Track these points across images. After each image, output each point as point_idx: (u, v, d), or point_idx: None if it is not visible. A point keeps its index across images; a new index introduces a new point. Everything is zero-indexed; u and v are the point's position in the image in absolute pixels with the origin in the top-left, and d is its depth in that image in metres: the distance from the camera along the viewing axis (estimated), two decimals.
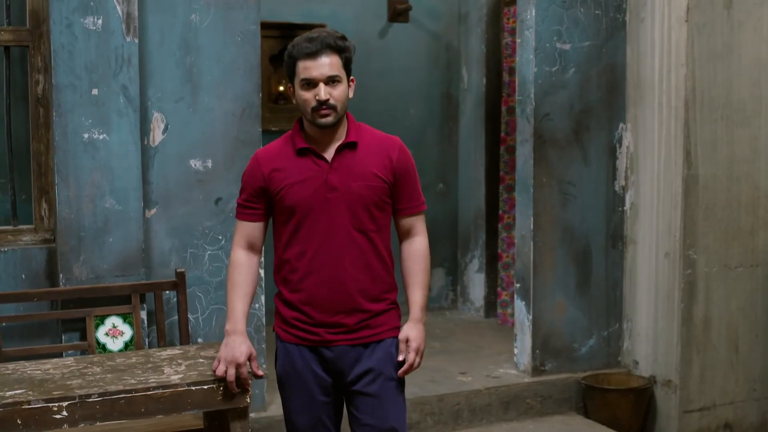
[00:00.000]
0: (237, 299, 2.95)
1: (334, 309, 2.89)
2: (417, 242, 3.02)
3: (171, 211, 4.07)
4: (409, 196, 2.99)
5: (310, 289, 2.89)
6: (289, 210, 2.88)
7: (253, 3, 4.16)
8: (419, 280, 3.00)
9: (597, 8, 4.80)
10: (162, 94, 4.02)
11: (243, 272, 2.97)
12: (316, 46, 2.79)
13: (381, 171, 2.90)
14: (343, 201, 2.86)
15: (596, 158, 4.88)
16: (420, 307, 2.99)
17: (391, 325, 2.98)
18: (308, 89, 2.81)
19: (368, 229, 2.90)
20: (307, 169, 2.88)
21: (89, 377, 2.99)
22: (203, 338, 4.12)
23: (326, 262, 2.87)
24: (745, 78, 4.61)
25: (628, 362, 4.97)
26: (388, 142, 2.96)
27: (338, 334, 2.91)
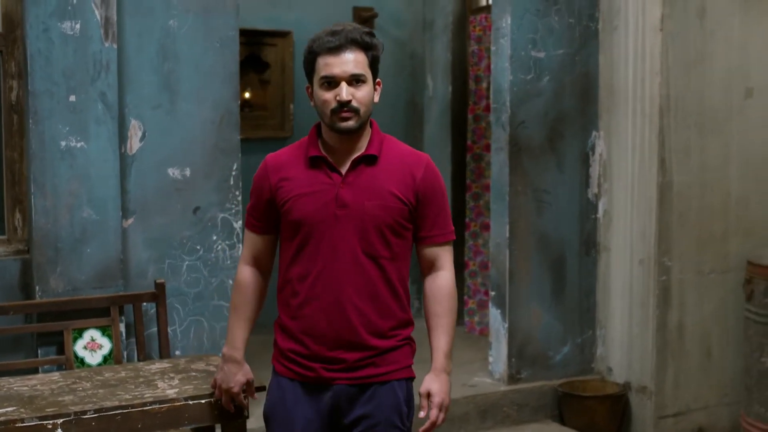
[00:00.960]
0: (236, 324, 2.70)
1: (333, 342, 2.56)
2: (441, 278, 2.66)
3: (148, 221, 3.98)
4: (433, 222, 2.64)
5: (309, 317, 2.57)
6: (295, 225, 2.58)
7: (231, 9, 4.09)
8: (444, 323, 2.63)
9: (570, 17, 4.83)
10: (139, 101, 3.93)
11: (246, 293, 2.70)
12: (340, 41, 2.49)
13: (400, 190, 2.57)
14: (353, 220, 2.54)
15: (570, 166, 4.90)
16: (444, 354, 2.62)
17: (402, 365, 2.63)
18: (328, 89, 2.51)
19: (379, 255, 2.56)
20: (318, 180, 2.57)
21: (80, 393, 2.90)
22: (181, 351, 4.03)
23: (329, 287, 2.55)
24: (716, 86, 4.67)
25: (602, 369, 4.99)
26: (413, 158, 2.64)
27: (337, 371, 2.57)
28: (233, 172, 4.10)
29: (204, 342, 4.08)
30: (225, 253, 4.10)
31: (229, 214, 4.10)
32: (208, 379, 3.01)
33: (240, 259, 2.76)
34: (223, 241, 4.09)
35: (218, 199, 4.08)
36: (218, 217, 4.08)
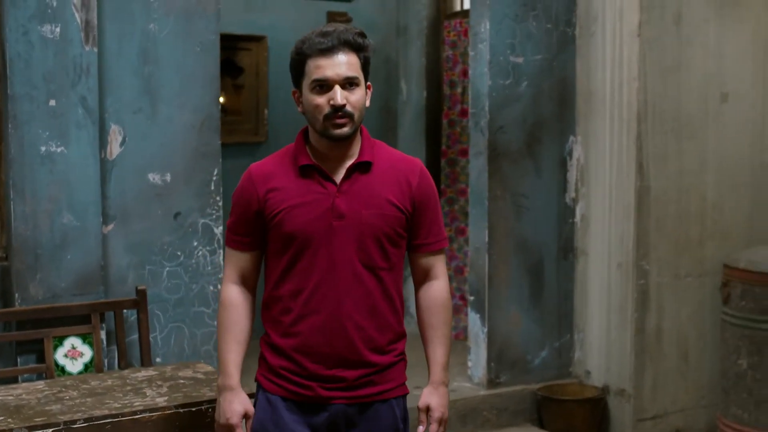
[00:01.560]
0: (228, 348, 2.48)
1: (332, 360, 2.43)
2: (437, 288, 2.57)
3: (129, 227, 3.92)
4: (428, 230, 2.54)
5: (304, 334, 2.43)
6: (287, 238, 2.43)
7: (212, 12, 4.05)
8: (440, 334, 2.54)
9: (548, 22, 4.85)
10: (119, 105, 3.87)
11: (235, 314, 2.50)
12: (332, 42, 2.37)
13: (398, 198, 2.47)
14: (351, 231, 2.41)
15: (548, 170, 4.92)
16: (442, 366, 2.53)
17: (399, 382, 2.53)
18: (320, 93, 2.37)
19: (378, 266, 2.45)
20: (311, 190, 2.43)
21: (68, 402, 2.86)
22: (162, 358, 3.98)
23: (326, 303, 2.42)
24: (693, 92, 4.71)
25: (580, 372, 5.01)
26: (407, 164, 2.53)
27: (335, 390, 2.44)
28: (214, 177, 4.07)
29: (185, 349, 4.03)
30: (206, 259, 4.06)
31: (209, 219, 4.06)
32: (197, 387, 2.98)
33: (224, 279, 2.56)
34: (203, 247, 4.05)
35: (199, 204, 4.04)
36: (199, 222, 4.04)
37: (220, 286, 2.53)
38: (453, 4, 6.25)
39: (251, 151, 5.92)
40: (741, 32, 4.81)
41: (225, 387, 2.47)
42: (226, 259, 2.55)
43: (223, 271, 2.57)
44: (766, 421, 4.40)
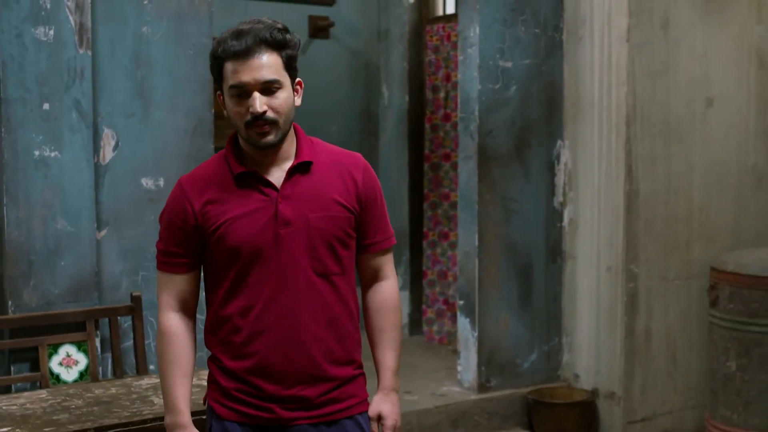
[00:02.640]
0: (175, 382, 2.27)
1: (292, 379, 2.24)
2: (386, 289, 2.41)
3: (122, 232, 3.87)
4: (376, 228, 2.36)
5: (259, 354, 2.23)
6: (231, 253, 2.22)
7: (205, 15, 4.02)
8: (391, 338, 2.39)
9: (536, 27, 4.87)
10: (112, 109, 3.82)
11: (179, 345, 2.29)
12: (247, 43, 2.17)
13: (344, 197, 2.29)
14: (300, 238, 2.23)
15: (536, 174, 4.93)
16: (392, 372, 2.38)
17: (362, 397, 2.37)
18: (239, 99, 2.18)
19: (331, 272, 2.27)
20: (252, 199, 2.23)
21: (75, 411, 2.80)
22: (155, 366, 3.93)
23: (280, 318, 2.23)
24: (680, 96, 4.75)
25: (569, 376, 5.03)
26: (349, 159, 2.35)
27: (297, 410, 2.25)
28: None
29: None
30: None
31: None
32: (203, 394, 2.93)
33: (161, 307, 2.33)
34: None
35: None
36: None
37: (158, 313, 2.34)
38: (435, 9, 6.25)
39: None
40: (726, 37, 4.86)
41: (176, 425, 2.27)
42: (160, 285, 2.32)
43: (158, 297, 2.34)
44: (754, 421, 4.44)
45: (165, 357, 2.28)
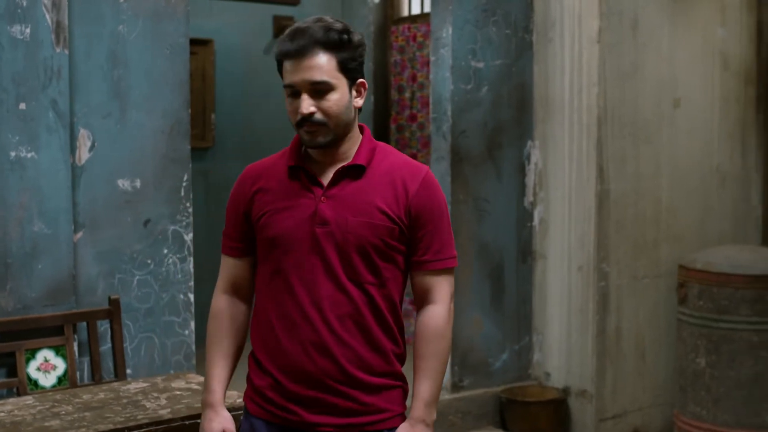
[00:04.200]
0: (214, 362, 2.30)
1: (314, 380, 2.19)
2: (433, 314, 2.25)
3: (98, 235, 3.80)
4: (427, 245, 2.23)
5: (286, 351, 2.21)
6: (269, 243, 2.23)
7: (182, 15, 3.96)
8: (430, 366, 2.23)
9: (507, 28, 4.90)
10: (88, 109, 3.75)
11: (223, 325, 2.31)
12: (301, 43, 2.14)
13: (389, 206, 2.20)
14: (334, 240, 2.18)
15: (508, 175, 4.96)
16: (425, 403, 2.21)
17: (394, 412, 2.25)
18: (292, 100, 2.17)
19: (365, 280, 2.20)
20: (297, 193, 2.22)
21: (66, 417, 2.74)
22: (132, 369, 3.86)
23: (307, 317, 2.19)
24: (648, 97, 4.82)
25: (539, 374, 5.06)
26: (409, 169, 2.25)
27: (322, 414, 2.20)
28: (184, 183, 3.97)
29: (155, 359, 3.92)
30: (176, 267, 3.97)
31: (179, 226, 3.96)
32: (197, 398, 2.90)
33: (216, 289, 2.36)
34: (174, 255, 3.96)
35: (169, 211, 3.94)
36: (169, 229, 3.94)
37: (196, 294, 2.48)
38: (401, 9, 6.26)
39: (198, 156, 5.81)
40: (692, 39, 4.94)
41: (206, 404, 2.29)
42: (221, 266, 2.36)
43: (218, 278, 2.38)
44: (723, 417, 4.52)
45: (208, 337, 2.32)
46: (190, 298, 3.99)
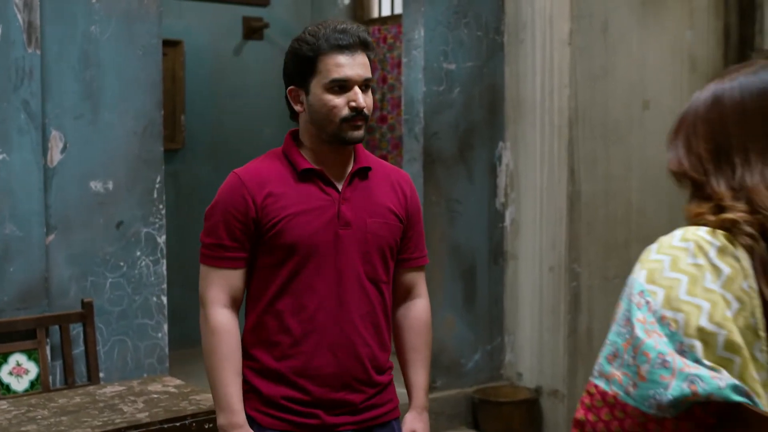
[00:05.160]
0: (228, 381, 2.19)
1: (339, 382, 2.21)
2: (420, 307, 2.40)
3: (70, 237, 3.76)
4: (416, 243, 2.38)
5: (309, 354, 2.20)
6: (288, 249, 2.20)
7: (154, 16, 3.94)
8: (423, 357, 2.38)
9: (478, 29, 4.92)
10: (60, 110, 3.72)
11: (231, 342, 2.21)
12: (352, 39, 2.18)
13: (396, 207, 2.31)
14: (357, 241, 2.24)
15: (480, 176, 4.98)
16: (425, 391, 2.40)
17: (395, 403, 2.36)
18: (339, 93, 2.18)
19: (380, 279, 2.28)
20: (314, 197, 2.22)
21: (43, 422, 2.72)
22: (105, 373, 3.83)
23: (333, 318, 2.21)
24: (618, 99, 4.86)
25: (511, 375, 5.09)
26: (399, 173, 2.39)
27: (342, 415, 2.22)
28: (157, 185, 3.95)
29: (129, 363, 3.89)
30: (149, 270, 3.94)
31: (152, 228, 3.94)
32: (174, 401, 2.88)
33: (210, 302, 2.23)
34: (147, 257, 3.93)
35: (142, 213, 3.92)
36: (142, 231, 3.91)
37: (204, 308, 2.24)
38: (371, 11, 6.26)
39: (168, 158, 5.75)
40: (661, 41, 4.99)
41: (232, 426, 2.17)
42: (210, 280, 2.23)
43: (203, 293, 2.24)
44: None
45: (217, 354, 2.20)
46: (164, 301, 3.97)
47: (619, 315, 1.43)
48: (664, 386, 1.29)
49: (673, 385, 1.28)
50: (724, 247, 1.38)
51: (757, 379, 1.31)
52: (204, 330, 2.22)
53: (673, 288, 1.37)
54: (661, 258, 1.43)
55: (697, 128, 1.49)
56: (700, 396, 1.26)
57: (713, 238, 1.40)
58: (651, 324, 1.35)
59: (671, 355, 1.31)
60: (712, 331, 1.31)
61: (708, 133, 1.48)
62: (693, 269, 1.37)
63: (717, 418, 1.30)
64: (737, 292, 1.35)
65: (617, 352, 1.39)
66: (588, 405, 1.39)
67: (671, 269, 1.39)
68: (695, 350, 1.31)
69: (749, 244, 1.38)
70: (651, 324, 1.35)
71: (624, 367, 1.36)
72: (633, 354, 1.35)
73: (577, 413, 1.43)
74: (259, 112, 6.25)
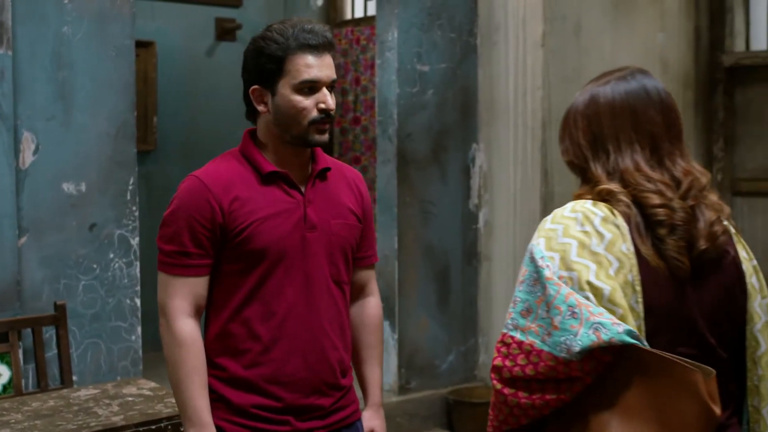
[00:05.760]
0: (197, 393, 2.10)
1: (310, 387, 2.17)
2: (373, 305, 2.38)
3: (43, 239, 3.73)
4: (369, 242, 2.36)
5: (279, 361, 2.14)
6: (256, 255, 2.12)
7: (127, 16, 3.91)
8: (377, 353, 2.37)
9: (452, 31, 4.93)
10: (32, 111, 3.68)
11: (198, 354, 2.12)
12: (321, 39, 2.12)
13: (355, 207, 2.28)
14: (323, 244, 2.19)
15: (453, 177, 5.00)
16: (380, 388, 2.39)
17: (358, 403, 2.33)
18: (307, 94, 2.12)
19: (343, 280, 2.24)
20: (279, 200, 2.16)
21: (16, 426, 2.69)
22: (78, 376, 3.80)
23: (303, 324, 2.16)
24: None
25: (485, 375, 5.10)
26: (353, 173, 2.35)
27: (312, 420, 2.19)
28: (130, 187, 3.92)
29: (102, 365, 3.86)
30: (122, 272, 3.91)
31: (126, 230, 3.91)
32: (149, 404, 2.87)
33: (174, 313, 2.12)
34: (120, 259, 3.90)
35: (115, 215, 3.89)
36: (115, 234, 3.89)
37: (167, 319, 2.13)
38: (344, 13, 6.26)
39: (140, 160, 5.73)
40: (633, 44, 5.03)
41: None
42: (174, 288, 2.12)
43: (165, 302, 2.13)
44: None
45: (184, 367, 2.10)
46: (137, 303, 3.94)
47: (526, 276, 1.68)
48: (573, 333, 1.56)
49: (581, 333, 1.55)
50: (606, 216, 1.67)
51: (635, 325, 1.61)
52: (168, 341, 2.12)
53: (566, 252, 1.64)
54: (555, 227, 1.69)
55: (578, 123, 1.82)
56: (603, 341, 1.54)
57: (597, 209, 1.69)
58: (557, 283, 1.61)
59: (579, 307, 1.57)
60: (598, 287, 1.60)
61: (586, 127, 1.80)
62: (581, 235, 1.65)
63: (613, 356, 1.57)
64: (617, 254, 1.64)
65: (530, 308, 1.65)
66: (505, 353, 1.65)
67: (563, 236, 1.66)
68: (590, 300, 1.58)
69: (625, 211, 1.67)
70: (557, 283, 1.61)
71: (539, 320, 1.62)
72: (546, 308, 1.61)
73: (494, 360, 1.67)
74: (232, 113, 6.20)
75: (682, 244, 1.67)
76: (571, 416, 1.63)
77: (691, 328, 1.68)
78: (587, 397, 1.61)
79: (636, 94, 1.78)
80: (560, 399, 1.61)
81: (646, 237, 1.67)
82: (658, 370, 1.54)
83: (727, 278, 1.73)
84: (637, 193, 1.69)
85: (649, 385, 1.55)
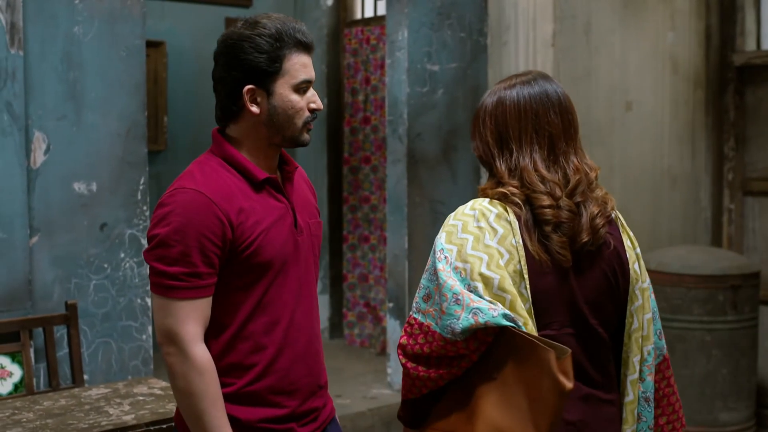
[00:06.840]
0: (222, 422, 2.00)
1: (309, 391, 2.14)
2: None
3: (54, 239, 3.74)
4: None
5: (284, 370, 2.08)
6: (262, 267, 2.04)
7: (138, 16, 3.93)
8: None
9: (462, 31, 4.93)
10: (43, 111, 3.69)
11: (217, 380, 2.00)
12: (309, 38, 2.07)
13: (316, 204, 2.29)
14: (308, 246, 2.15)
15: (463, 177, 4.99)
16: None
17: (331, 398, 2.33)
18: (302, 94, 2.06)
19: (316, 279, 2.22)
20: (273, 207, 2.08)
21: (28, 425, 2.70)
22: (89, 375, 3.82)
23: (302, 329, 2.12)
24: (600, 100, 4.89)
25: None
26: (301, 170, 2.28)
27: (309, 423, 2.15)
28: (141, 187, 3.94)
29: (113, 365, 3.87)
30: (133, 271, 3.92)
31: (136, 230, 3.92)
32: (161, 403, 2.88)
33: (189, 340, 1.97)
34: (131, 259, 3.91)
35: (125, 214, 3.90)
36: (126, 233, 3.90)
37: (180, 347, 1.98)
38: (354, 12, 6.26)
39: (150, 160, 5.75)
40: (642, 43, 5.02)
41: None
42: (185, 314, 1.97)
43: (176, 329, 1.97)
44: None
45: (207, 396, 1.97)
46: (148, 303, 3.95)
47: (429, 266, 1.92)
48: (456, 317, 1.79)
49: (463, 317, 1.78)
50: (500, 213, 1.90)
51: (524, 308, 1.85)
52: (185, 371, 1.96)
53: (463, 245, 1.86)
54: (456, 223, 1.91)
55: (486, 122, 2.00)
56: (480, 324, 1.78)
57: (492, 207, 1.91)
58: (449, 273, 1.84)
59: (462, 294, 1.80)
60: (489, 276, 1.83)
61: (493, 126, 1.99)
62: (477, 231, 1.87)
63: (493, 337, 1.81)
64: (508, 247, 1.87)
65: (430, 294, 1.88)
66: (409, 332, 1.89)
67: (462, 231, 1.88)
68: (478, 290, 1.81)
69: (516, 211, 1.90)
70: (449, 273, 1.84)
71: (435, 305, 1.85)
72: (438, 295, 1.84)
73: (401, 339, 1.90)
74: None
75: (564, 240, 1.88)
76: (462, 387, 1.87)
77: (574, 311, 1.91)
78: (474, 371, 1.85)
79: (538, 97, 1.97)
80: (451, 373, 1.85)
81: (534, 233, 1.89)
82: (525, 350, 1.75)
83: (607, 266, 1.95)
84: (530, 194, 1.90)
85: (519, 362, 1.77)
